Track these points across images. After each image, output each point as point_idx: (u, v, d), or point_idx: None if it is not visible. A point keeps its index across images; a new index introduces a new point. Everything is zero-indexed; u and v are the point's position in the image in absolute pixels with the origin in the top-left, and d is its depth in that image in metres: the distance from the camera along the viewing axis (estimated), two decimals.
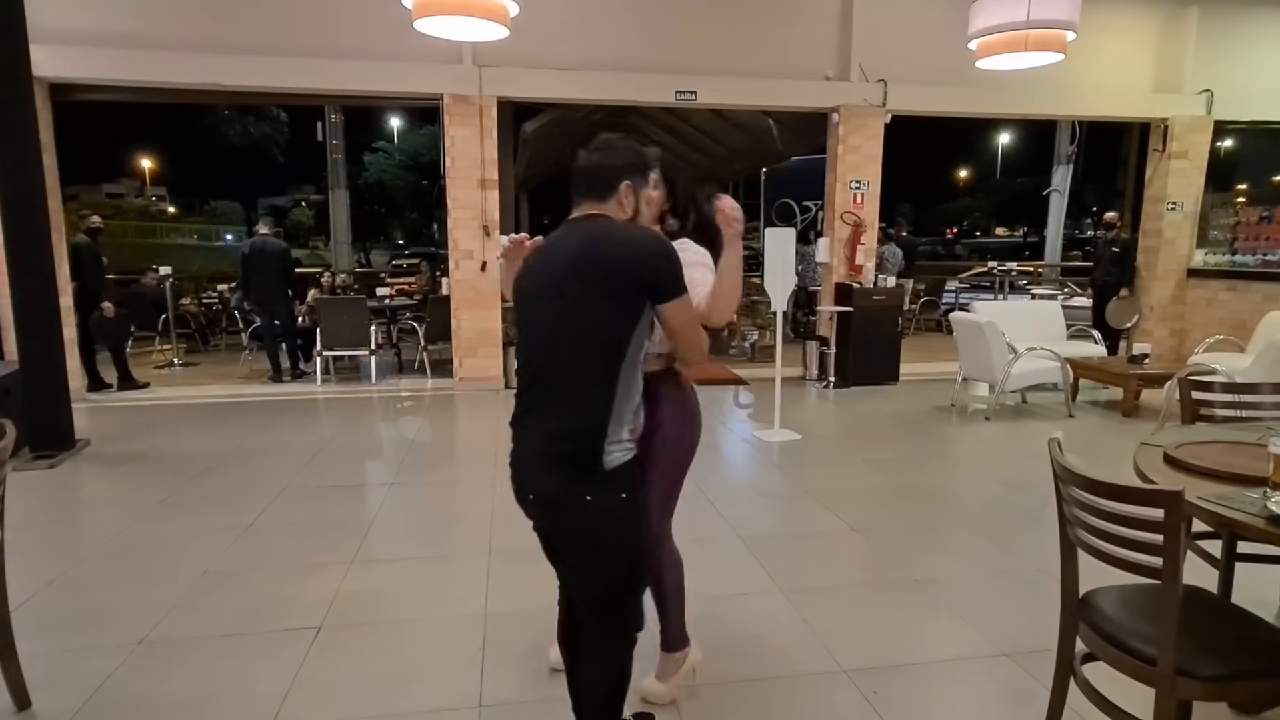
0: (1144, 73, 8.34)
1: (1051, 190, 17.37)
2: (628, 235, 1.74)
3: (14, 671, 2.29)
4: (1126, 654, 1.75)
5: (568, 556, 1.84)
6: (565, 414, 1.71)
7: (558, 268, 1.74)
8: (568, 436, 1.70)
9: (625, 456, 1.74)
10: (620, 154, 1.82)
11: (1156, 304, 8.60)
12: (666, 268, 1.71)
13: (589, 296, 1.68)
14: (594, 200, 1.80)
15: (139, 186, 37.58)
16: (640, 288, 1.69)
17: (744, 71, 7.51)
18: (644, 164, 1.86)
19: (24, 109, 4.85)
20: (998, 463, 5.25)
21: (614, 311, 1.69)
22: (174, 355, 8.97)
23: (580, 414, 1.70)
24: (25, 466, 4.75)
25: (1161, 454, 2.14)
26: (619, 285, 1.68)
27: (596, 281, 1.68)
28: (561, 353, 1.72)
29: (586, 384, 1.69)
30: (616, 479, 1.72)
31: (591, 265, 1.70)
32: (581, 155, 1.84)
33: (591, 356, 1.69)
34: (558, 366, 1.73)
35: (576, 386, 1.71)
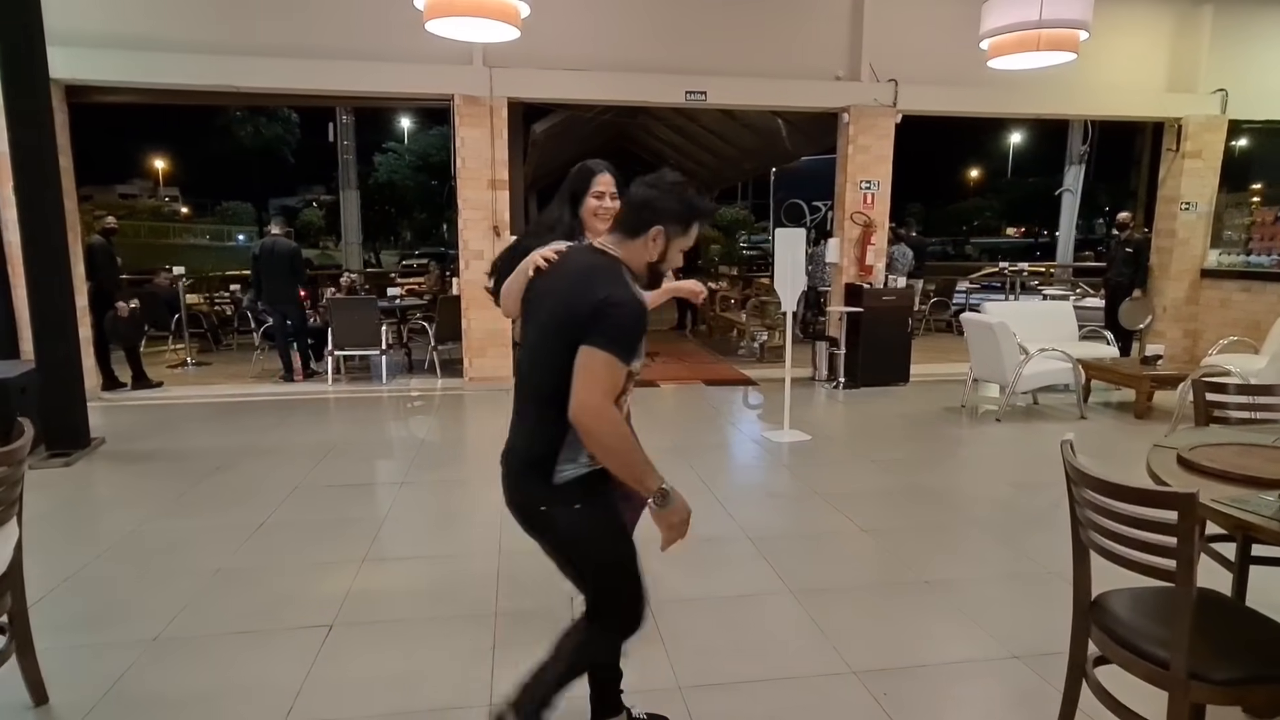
0: (1157, 72, 8.28)
1: (1063, 190, 17.27)
2: (588, 277, 1.75)
3: (32, 667, 2.31)
4: (1139, 657, 1.74)
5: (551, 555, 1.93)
6: (530, 430, 1.83)
7: (557, 290, 1.80)
8: (526, 450, 1.82)
9: (579, 471, 1.78)
10: (667, 198, 1.81)
11: (1170, 305, 8.54)
12: (608, 318, 1.68)
13: (562, 327, 1.72)
14: (623, 234, 1.82)
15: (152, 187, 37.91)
16: (583, 330, 1.68)
17: (754, 72, 7.51)
18: (689, 215, 1.83)
19: (42, 110, 4.90)
20: (1008, 464, 5.22)
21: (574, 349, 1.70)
22: (187, 355, 9.04)
23: (541, 433, 1.78)
24: (41, 465, 4.80)
25: (1175, 456, 2.13)
26: (580, 328, 1.69)
27: (572, 317, 1.71)
28: (537, 372, 1.79)
29: (551, 406, 1.71)
30: (568, 491, 1.78)
31: (576, 302, 1.72)
32: (635, 186, 1.86)
33: (559, 382, 1.69)
34: (533, 383, 1.82)
35: (543, 407, 1.76)
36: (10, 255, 6.19)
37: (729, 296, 11.68)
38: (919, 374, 7.75)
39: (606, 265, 1.79)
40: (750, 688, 2.46)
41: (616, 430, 1.68)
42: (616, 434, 1.68)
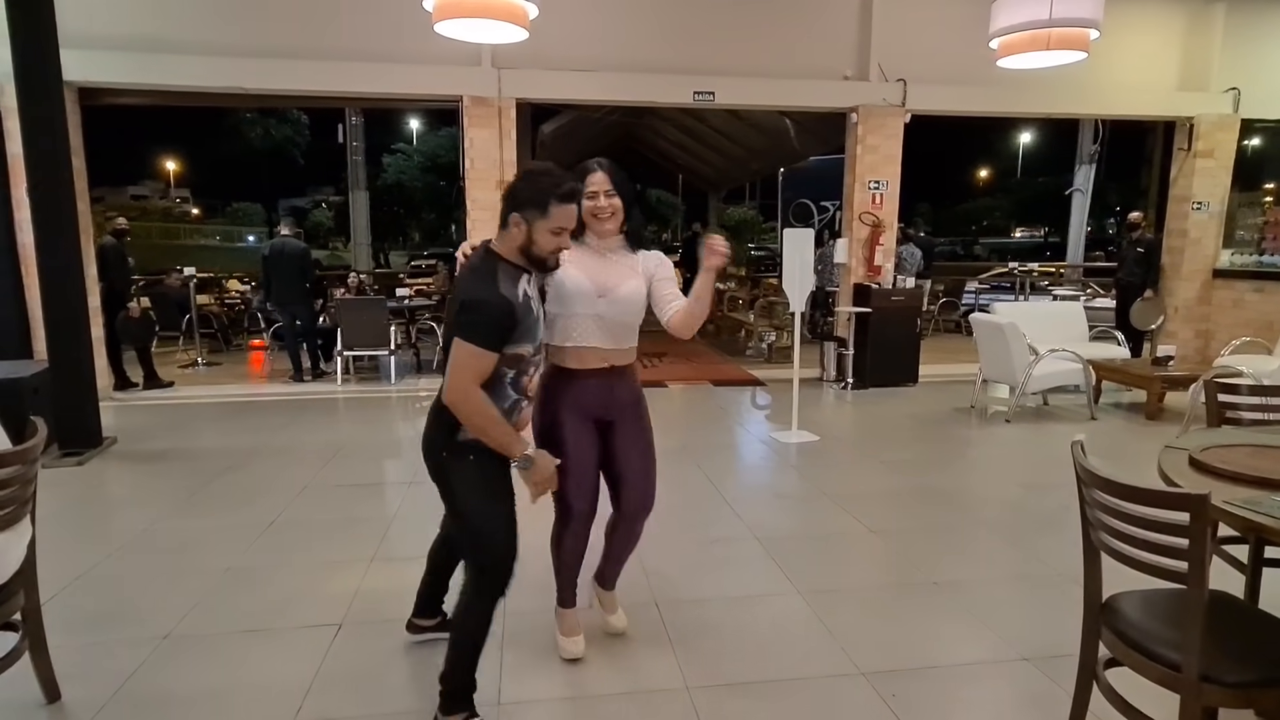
0: (1169, 70, 8.22)
1: (1074, 190, 17.18)
2: (466, 278, 2.09)
3: (44, 665, 2.33)
4: (1151, 659, 1.73)
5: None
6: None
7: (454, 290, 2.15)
8: (438, 410, 2.14)
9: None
10: (522, 186, 2.08)
11: (1181, 305, 8.48)
12: (466, 315, 2.00)
13: (448, 322, 2.11)
14: (499, 228, 2.12)
15: (163, 188, 38.17)
16: (455, 325, 2.02)
17: (762, 72, 7.50)
18: (542, 199, 2.04)
19: (55, 112, 4.94)
20: (1018, 465, 5.20)
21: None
22: (198, 355, 9.09)
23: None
24: (54, 464, 4.84)
25: (1187, 457, 2.12)
26: (453, 324, 2.03)
27: (450, 314, 2.11)
28: (447, 354, 2.06)
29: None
30: (465, 447, 2.11)
31: (453, 301, 2.11)
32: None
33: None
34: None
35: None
36: (24, 256, 6.24)
37: (737, 297, 11.66)
38: (928, 375, 7.72)
39: (481, 266, 2.09)
40: (758, 688, 2.46)
41: (479, 409, 2.02)
42: (479, 413, 2.03)
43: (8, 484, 1.98)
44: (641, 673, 2.57)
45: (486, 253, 2.12)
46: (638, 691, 2.46)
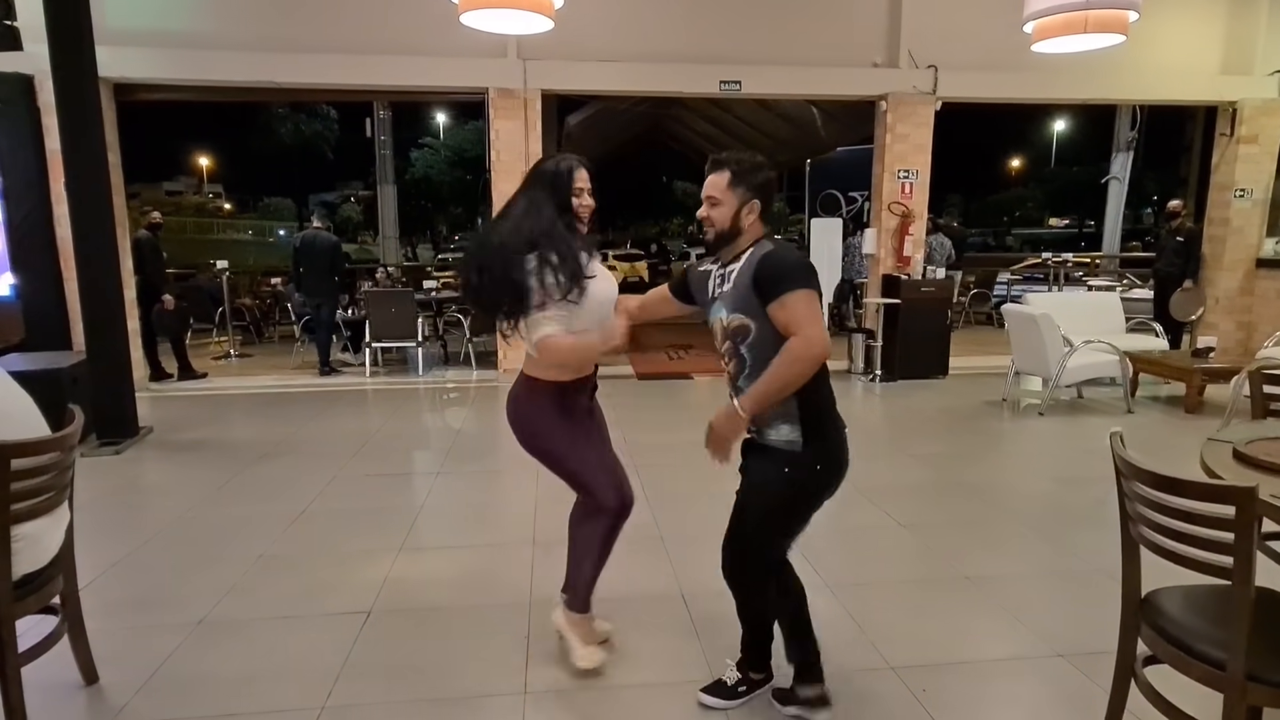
0: (1211, 53, 7.97)
1: (1110, 178, 16.77)
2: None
3: (83, 648, 2.39)
4: (1193, 657, 1.68)
5: None
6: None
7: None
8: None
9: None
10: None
11: (1223, 296, 8.25)
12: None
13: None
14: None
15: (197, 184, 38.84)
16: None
17: (790, 60, 7.41)
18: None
19: (91, 108, 5.04)
20: (1051, 459, 5.10)
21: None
22: (230, 347, 9.25)
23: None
24: (92, 453, 4.95)
25: (1231, 450, 2.05)
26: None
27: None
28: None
29: None
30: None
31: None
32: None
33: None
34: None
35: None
36: (63, 250, 6.39)
37: None
38: (958, 367, 7.60)
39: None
40: (785, 681, 2.43)
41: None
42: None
43: (46, 470, 2.02)
44: (667, 664, 2.56)
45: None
46: (663, 683, 2.45)
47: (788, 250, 2.04)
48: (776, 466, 2.12)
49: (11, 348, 6.20)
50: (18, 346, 6.28)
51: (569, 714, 2.31)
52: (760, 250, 2.03)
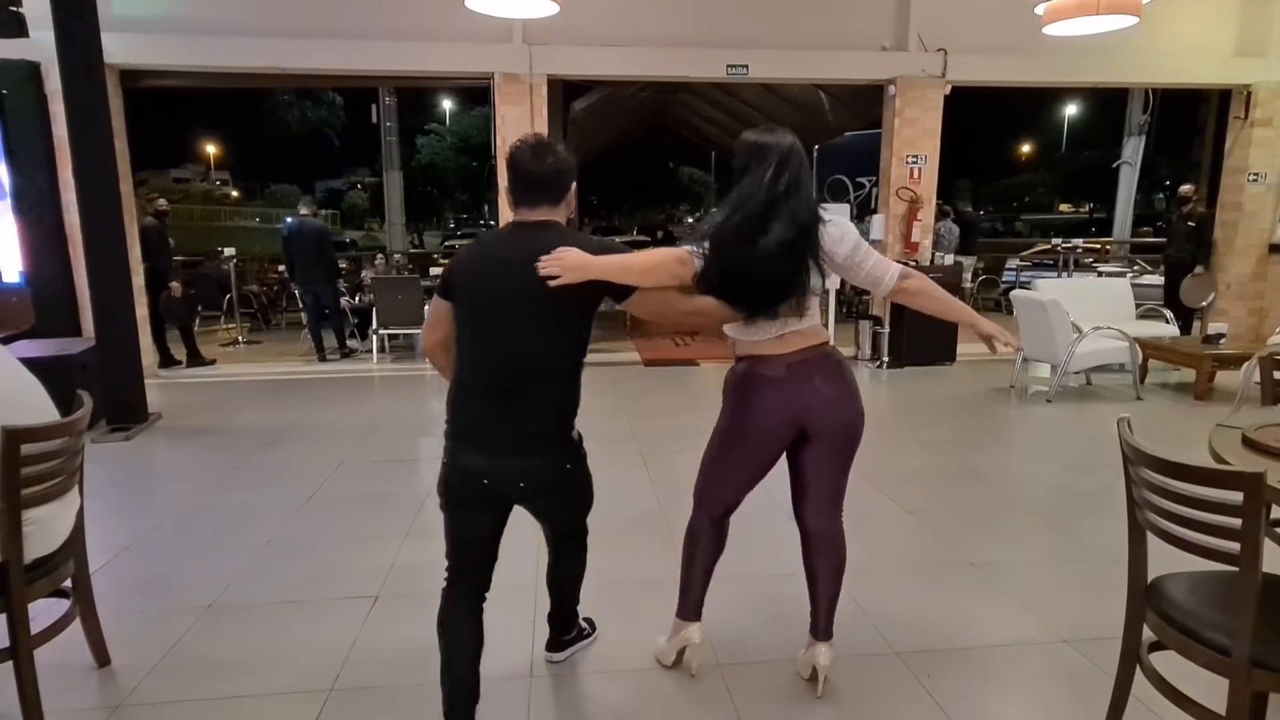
0: (1225, 35, 7.85)
1: (1122, 163, 16.58)
2: (588, 244, 1.91)
3: (95, 630, 2.42)
4: (1199, 643, 1.68)
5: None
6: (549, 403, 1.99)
7: (526, 274, 1.85)
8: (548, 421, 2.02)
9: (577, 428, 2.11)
10: (568, 160, 1.99)
11: (1234, 281, 8.17)
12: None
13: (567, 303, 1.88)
14: (548, 205, 1.96)
15: (203, 171, 38.93)
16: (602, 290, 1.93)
17: (797, 44, 7.34)
18: (575, 168, 2.04)
19: (98, 95, 5.03)
20: (1059, 446, 5.08)
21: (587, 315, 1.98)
22: (238, 334, 9.29)
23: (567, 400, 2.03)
24: (102, 439, 4.99)
25: (1240, 436, 2.04)
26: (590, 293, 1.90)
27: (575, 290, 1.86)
28: (540, 353, 1.92)
29: (567, 380, 1.99)
30: (579, 446, 2.11)
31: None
32: (531, 160, 1.93)
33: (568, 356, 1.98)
34: (537, 365, 1.93)
35: (558, 381, 1.97)
36: (71, 236, 6.41)
37: None
38: (965, 353, 7.57)
39: (569, 233, 1.96)
40: (789, 665, 2.45)
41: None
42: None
43: (56, 455, 2.04)
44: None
45: (560, 225, 2.01)
46: (668, 666, 2.46)
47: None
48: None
49: (21, 334, 6.24)
50: (27, 333, 6.32)
51: (574, 698, 2.33)
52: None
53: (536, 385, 1.93)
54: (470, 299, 1.95)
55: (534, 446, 1.97)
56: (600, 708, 2.28)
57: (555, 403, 1.98)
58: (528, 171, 1.93)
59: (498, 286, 1.90)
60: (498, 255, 1.96)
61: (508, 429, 1.93)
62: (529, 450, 1.96)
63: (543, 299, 1.83)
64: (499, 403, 1.92)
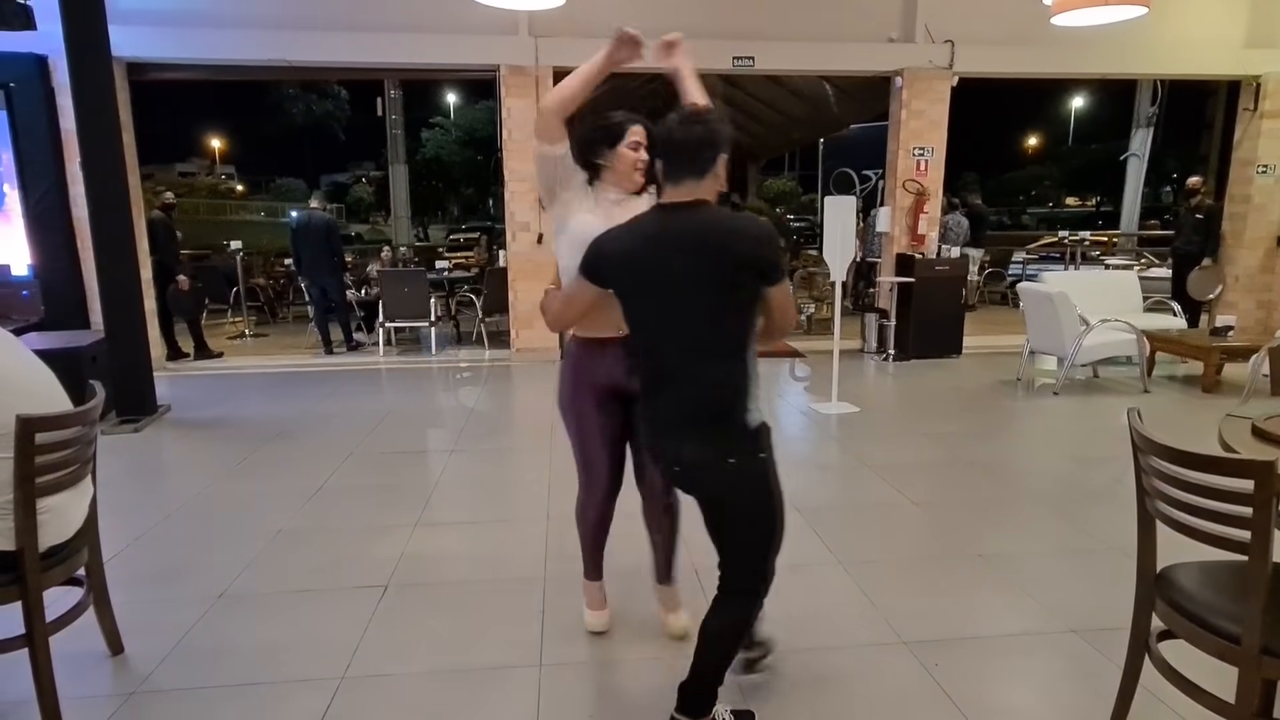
0: (1235, 26, 7.79)
1: (1129, 155, 16.49)
2: (744, 227, 1.76)
3: (108, 618, 2.44)
4: (1208, 632, 1.68)
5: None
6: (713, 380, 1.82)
7: (678, 259, 1.75)
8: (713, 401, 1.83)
9: (760, 417, 1.83)
10: (720, 129, 1.78)
11: (1242, 274, 8.13)
12: (774, 254, 1.77)
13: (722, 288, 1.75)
14: (691, 180, 1.78)
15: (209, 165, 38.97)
16: (758, 275, 1.75)
17: (804, 35, 7.31)
18: (727, 139, 1.81)
19: (105, 89, 5.04)
20: (1066, 438, 5.07)
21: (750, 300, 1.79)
22: (245, 327, 9.32)
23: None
24: (112, 430, 5.02)
25: (1250, 426, 2.03)
26: (747, 276, 1.74)
27: (729, 274, 1.74)
28: (703, 335, 1.79)
29: (728, 359, 1.79)
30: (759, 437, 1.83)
31: (722, 259, 1.73)
32: (676, 128, 1.77)
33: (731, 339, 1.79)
34: (692, 350, 1.80)
35: (719, 362, 1.79)
36: (79, 230, 6.44)
37: None
38: (972, 346, 7.56)
39: (722, 215, 1.80)
40: (799, 657, 2.45)
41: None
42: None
43: (70, 444, 2.05)
44: (680, 642, 2.58)
45: (710, 205, 1.83)
46: (677, 656, 2.47)
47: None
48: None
49: (31, 326, 6.28)
50: (37, 325, 6.36)
51: (584, 687, 2.34)
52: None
53: (704, 364, 1.79)
54: (631, 283, 1.84)
55: (695, 431, 1.82)
56: (610, 698, 2.29)
57: (716, 381, 1.79)
58: (667, 139, 1.79)
59: (658, 270, 1.77)
60: (652, 237, 1.80)
61: (671, 409, 1.83)
62: (690, 436, 1.82)
63: (707, 280, 1.74)
64: (665, 383, 1.84)
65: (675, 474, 1.90)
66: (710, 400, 1.80)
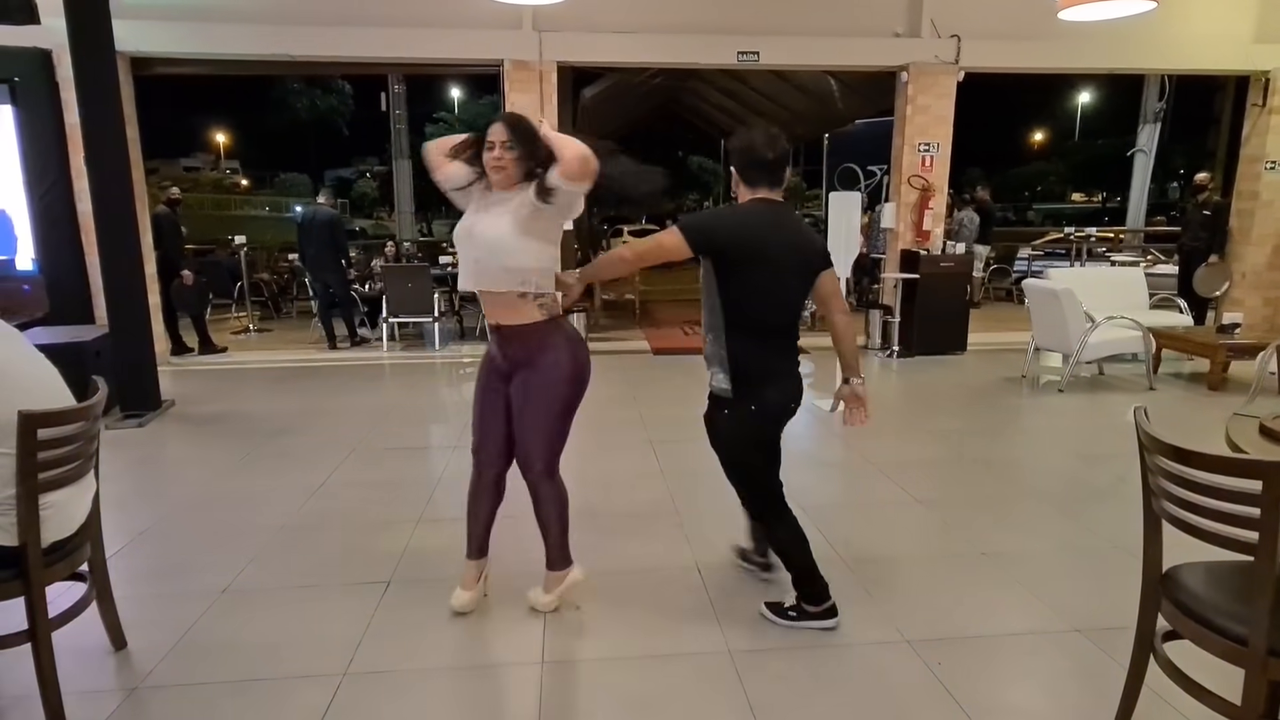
0: (1244, 21, 7.74)
1: (1136, 151, 16.41)
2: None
3: (111, 614, 2.44)
4: (1215, 633, 1.67)
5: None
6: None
7: (794, 246, 2.43)
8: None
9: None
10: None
11: (1250, 270, 8.08)
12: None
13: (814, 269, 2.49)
14: (777, 187, 2.45)
15: (214, 160, 38.99)
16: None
17: (808, 30, 7.28)
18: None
19: (109, 83, 5.04)
20: (1071, 435, 5.05)
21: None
22: (249, 322, 9.33)
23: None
24: (116, 425, 5.03)
25: (1258, 425, 2.02)
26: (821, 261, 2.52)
27: (819, 258, 2.51)
28: (799, 310, 2.52)
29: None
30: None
31: (815, 246, 2.53)
32: (760, 140, 2.38)
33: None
34: (797, 319, 2.53)
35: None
36: (84, 224, 6.44)
37: None
38: (977, 343, 7.53)
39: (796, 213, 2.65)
40: (800, 653, 2.45)
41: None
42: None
43: (73, 440, 2.05)
44: (683, 635, 2.58)
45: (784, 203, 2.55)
46: (679, 654, 2.47)
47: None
48: (718, 410, 2.51)
49: (35, 321, 6.29)
50: (41, 320, 6.37)
51: (586, 683, 2.34)
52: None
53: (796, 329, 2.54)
54: (754, 256, 2.35)
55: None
56: (610, 694, 2.29)
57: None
58: (769, 156, 2.38)
59: (780, 249, 2.38)
60: (773, 225, 2.40)
61: (797, 367, 2.53)
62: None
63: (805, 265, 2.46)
64: (789, 344, 2.52)
65: (792, 411, 2.54)
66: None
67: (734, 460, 2.54)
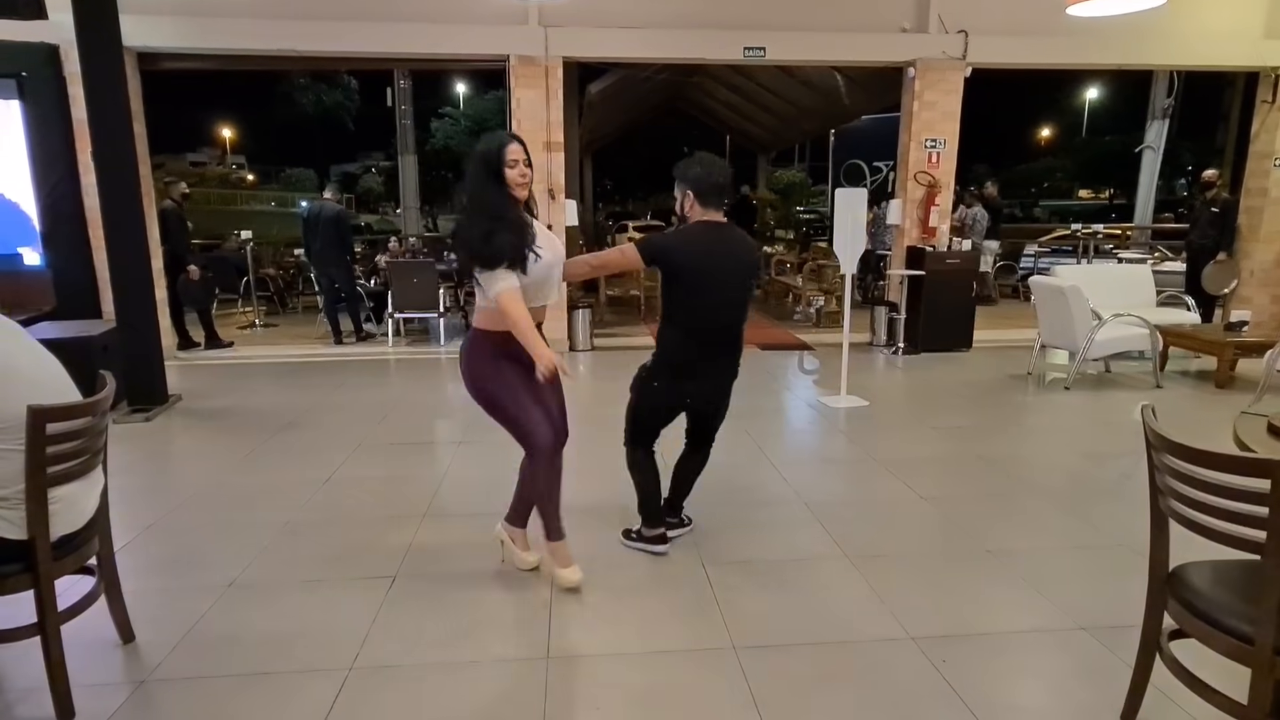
0: (1254, 16, 7.68)
1: (1144, 147, 16.30)
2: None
3: (119, 607, 2.46)
4: (1222, 631, 1.67)
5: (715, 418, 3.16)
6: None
7: (736, 259, 2.87)
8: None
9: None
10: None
11: (1258, 268, 8.04)
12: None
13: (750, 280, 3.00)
14: (723, 208, 2.84)
15: (220, 155, 39.06)
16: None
17: (815, 25, 7.25)
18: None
19: (116, 78, 5.05)
20: (1077, 433, 5.03)
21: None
22: (255, 316, 9.35)
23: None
24: (123, 420, 5.05)
25: (1265, 424, 2.01)
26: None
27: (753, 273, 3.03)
28: (737, 316, 2.94)
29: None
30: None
31: (753, 260, 3.02)
32: (716, 170, 2.79)
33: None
34: (734, 325, 2.95)
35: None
36: (91, 219, 6.46)
37: (785, 261, 11.48)
38: (983, 340, 7.51)
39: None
40: (804, 650, 2.45)
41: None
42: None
43: (81, 434, 2.06)
44: (687, 631, 2.58)
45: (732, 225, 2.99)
46: (683, 649, 2.48)
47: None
48: (641, 367, 3.04)
49: (42, 316, 6.31)
50: (49, 315, 6.39)
51: (590, 678, 2.35)
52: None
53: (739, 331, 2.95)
54: (698, 273, 2.77)
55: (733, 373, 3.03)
56: (615, 688, 2.29)
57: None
58: (714, 181, 2.78)
59: (722, 264, 2.80)
60: (717, 242, 2.82)
61: (726, 363, 3.00)
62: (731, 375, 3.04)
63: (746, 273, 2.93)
64: (722, 345, 2.95)
65: (693, 407, 3.04)
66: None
67: (631, 402, 3.04)
